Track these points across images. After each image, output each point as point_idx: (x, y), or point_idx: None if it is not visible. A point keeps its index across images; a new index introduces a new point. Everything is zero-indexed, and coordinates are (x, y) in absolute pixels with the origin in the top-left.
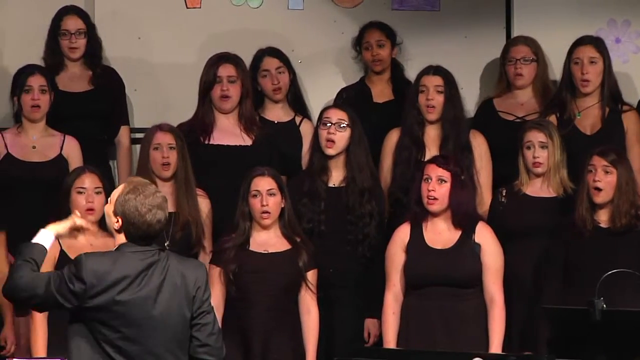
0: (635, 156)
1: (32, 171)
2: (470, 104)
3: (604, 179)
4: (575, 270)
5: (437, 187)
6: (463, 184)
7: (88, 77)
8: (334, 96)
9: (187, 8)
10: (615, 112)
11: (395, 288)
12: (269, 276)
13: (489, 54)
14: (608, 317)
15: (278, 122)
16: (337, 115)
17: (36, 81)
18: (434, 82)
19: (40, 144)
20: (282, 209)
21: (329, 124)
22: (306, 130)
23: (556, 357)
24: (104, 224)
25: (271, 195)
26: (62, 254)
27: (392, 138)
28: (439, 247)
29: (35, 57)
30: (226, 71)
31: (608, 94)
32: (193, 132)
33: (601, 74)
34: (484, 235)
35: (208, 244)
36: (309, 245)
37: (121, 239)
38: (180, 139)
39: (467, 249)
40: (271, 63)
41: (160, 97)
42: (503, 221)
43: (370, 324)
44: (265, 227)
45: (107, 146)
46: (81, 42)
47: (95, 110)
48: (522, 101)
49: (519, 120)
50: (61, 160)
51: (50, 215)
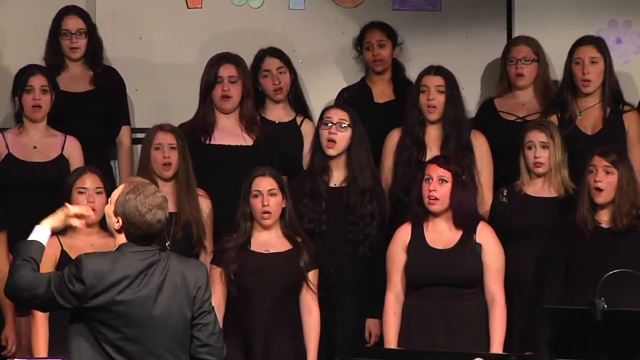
0: (636, 156)
1: (33, 171)
2: (471, 104)
3: (604, 180)
4: (576, 271)
5: (438, 187)
6: (464, 184)
7: (89, 77)
8: (335, 96)
9: (188, 8)
10: (616, 112)
11: (396, 288)
12: (270, 276)
13: (490, 54)
14: (609, 317)
15: (279, 122)
16: (338, 115)
17: (37, 81)
18: (435, 82)
19: (41, 144)
20: (283, 209)
21: (330, 124)
22: (307, 131)
23: (557, 357)
24: (105, 224)
25: (272, 195)
26: (63, 253)
27: (393, 138)
28: (440, 247)
29: (36, 57)
30: (227, 71)
31: (609, 94)
32: (194, 132)
33: (602, 74)
34: (485, 236)
35: (209, 244)
36: (310, 246)
37: (121, 239)
38: (181, 139)
39: (468, 249)
40: (272, 63)
41: (161, 97)
42: (504, 221)
43: (371, 324)
44: (266, 227)
45: (108, 146)
46: (82, 42)
47: (96, 110)
48: (523, 101)
49: (520, 121)
50: (62, 161)
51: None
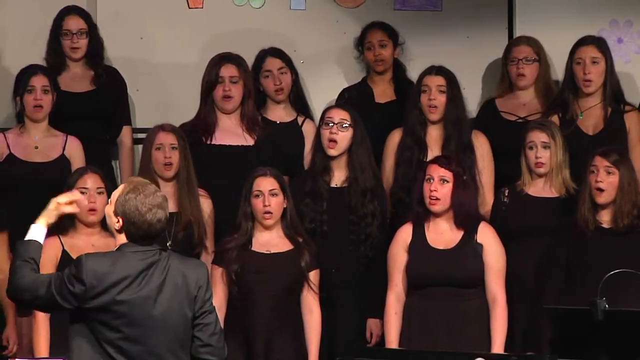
0: (637, 156)
1: (34, 171)
2: (473, 104)
3: (606, 180)
4: (577, 271)
5: (439, 187)
6: (465, 184)
7: (90, 77)
8: (336, 96)
9: (189, 8)
10: (618, 112)
11: (397, 288)
12: (271, 276)
13: (491, 54)
14: (610, 317)
15: (280, 123)
16: (339, 115)
17: (39, 81)
18: (436, 82)
19: (42, 144)
20: (285, 209)
21: (331, 124)
22: (308, 131)
23: (558, 357)
24: (106, 224)
25: (273, 195)
26: (65, 254)
27: (394, 138)
28: (441, 247)
29: (37, 57)
30: (228, 71)
31: (610, 94)
32: (195, 132)
33: (603, 74)
34: (486, 236)
35: (210, 244)
36: (312, 246)
37: (122, 239)
38: (182, 139)
39: (469, 249)
40: (273, 63)
41: (162, 97)
42: (505, 221)
43: (372, 324)
44: (268, 228)
45: (109, 146)
46: (83, 42)
47: (98, 110)
48: (525, 101)
49: (521, 121)
50: (63, 161)
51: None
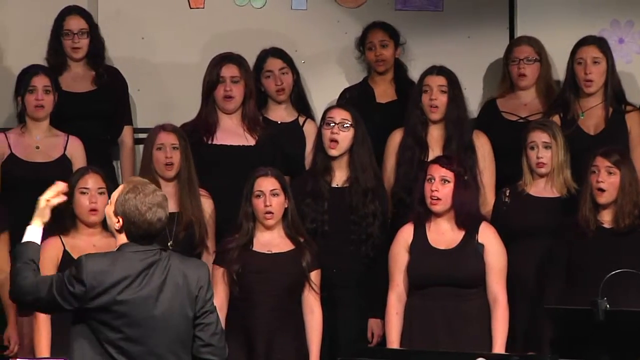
0: (638, 156)
1: (35, 171)
2: (474, 104)
3: (607, 180)
4: (578, 271)
5: (441, 187)
6: (466, 184)
7: (91, 77)
8: (337, 96)
9: (190, 8)
10: (619, 113)
11: (398, 288)
12: (272, 276)
13: (492, 54)
14: (611, 318)
15: (281, 123)
16: (340, 115)
17: (40, 81)
18: (437, 82)
19: (43, 144)
20: (286, 209)
21: (332, 124)
22: (309, 131)
23: (559, 357)
24: (107, 225)
25: (274, 195)
26: (66, 254)
27: (395, 138)
28: (442, 248)
29: (38, 57)
30: (229, 71)
31: (611, 94)
32: (196, 132)
33: (604, 74)
34: (487, 236)
35: (211, 244)
36: (313, 246)
37: (122, 239)
38: (183, 139)
39: (470, 249)
40: (274, 64)
41: (163, 97)
42: (506, 221)
43: (373, 324)
44: (269, 228)
45: (111, 146)
46: (84, 42)
47: (99, 110)
48: (526, 101)
49: (522, 121)
50: (65, 161)
51: (53, 216)
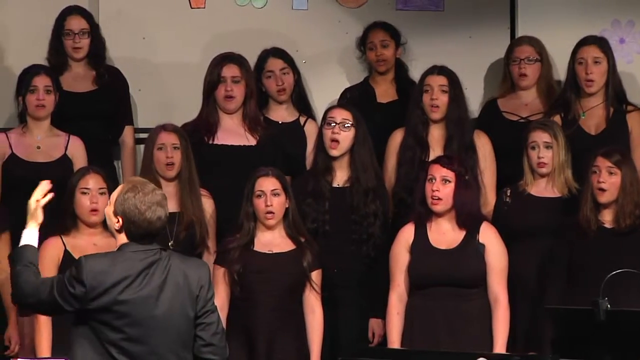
0: (639, 156)
1: (36, 171)
2: (475, 104)
3: (608, 180)
4: (579, 271)
5: (441, 187)
6: (467, 184)
7: (92, 77)
8: (338, 96)
9: (191, 8)
10: (620, 112)
11: (399, 288)
12: (273, 276)
13: (493, 54)
14: (612, 318)
15: (282, 123)
16: (341, 115)
17: (41, 81)
18: (438, 81)
19: (44, 144)
20: (287, 209)
21: (333, 124)
22: (310, 131)
23: (560, 357)
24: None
25: (275, 195)
26: (67, 254)
27: (396, 138)
28: (443, 248)
29: (39, 57)
30: (230, 71)
31: (612, 94)
32: (197, 132)
33: (605, 74)
34: (488, 236)
35: (212, 244)
36: (314, 246)
37: (122, 239)
38: (184, 139)
39: (471, 249)
40: (275, 64)
41: (164, 97)
42: (507, 221)
43: (374, 324)
44: (270, 228)
45: (112, 146)
46: (85, 42)
47: (100, 110)
48: (527, 101)
49: (523, 121)
50: (66, 161)
51: (54, 216)
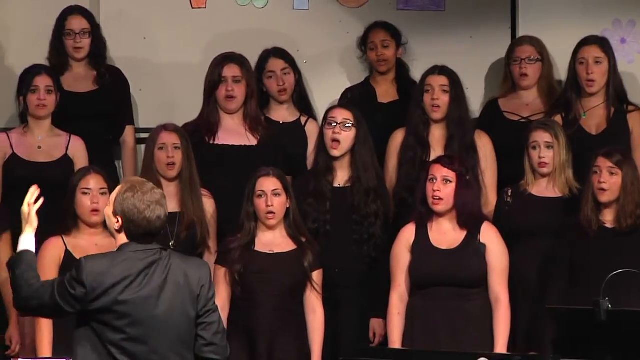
0: None
1: (37, 171)
2: (476, 104)
3: (609, 180)
4: (580, 271)
5: (442, 187)
6: (468, 184)
7: (93, 77)
8: (339, 96)
9: (192, 8)
10: (621, 112)
11: (400, 288)
12: (274, 276)
13: (494, 54)
14: (613, 317)
15: (283, 123)
16: (342, 115)
17: (42, 81)
18: (439, 81)
19: (45, 144)
20: (288, 209)
21: (334, 124)
22: (311, 131)
23: (561, 357)
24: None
25: (276, 195)
26: (68, 254)
27: (397, 138)
28: (444, 247)
29: (40, 57)
30: (231, 71)
31: (613, 94)
32: (198, 132)
33: (606, 74)
34: (489, 236)
35: (213, 244)
36: (315, 246)
37: (122, 239)
38: (185, 138)
39: (472, 249)
40: (276, 64)
41: (165, 97)
42: (508, 221)
43: (375, 324)
44: (271, 228)
45: (113, 146)
46: (86, 42)
47: (100, 110)
48: (528, 101)
49: (524, 121)
50: (67, 161)
51: (54, 216)
